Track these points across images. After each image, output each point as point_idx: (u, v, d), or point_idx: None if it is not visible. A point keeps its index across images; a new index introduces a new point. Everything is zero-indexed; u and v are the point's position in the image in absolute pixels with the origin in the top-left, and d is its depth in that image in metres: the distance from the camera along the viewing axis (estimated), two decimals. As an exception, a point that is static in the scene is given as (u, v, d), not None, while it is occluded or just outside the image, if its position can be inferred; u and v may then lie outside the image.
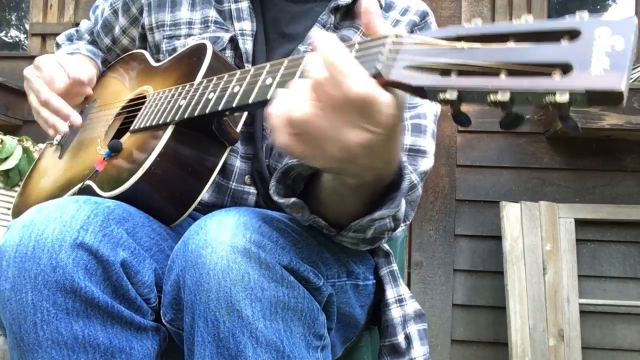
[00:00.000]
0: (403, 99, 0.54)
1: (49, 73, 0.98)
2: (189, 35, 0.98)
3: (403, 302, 0.95)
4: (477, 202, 2.37)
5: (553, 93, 0.41)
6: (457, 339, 2.32)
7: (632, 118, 2.05)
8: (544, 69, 0.43)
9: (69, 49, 1.13)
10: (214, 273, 0.64)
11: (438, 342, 2.31)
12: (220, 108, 0.71)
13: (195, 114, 0.75)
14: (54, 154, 1.06)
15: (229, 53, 0.95)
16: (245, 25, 0.96)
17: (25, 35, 3.05)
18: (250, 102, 0.66)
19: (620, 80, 0.39)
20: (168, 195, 0.80)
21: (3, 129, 2.29)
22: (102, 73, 1.15)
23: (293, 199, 0.69)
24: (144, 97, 0.93)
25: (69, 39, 1.22)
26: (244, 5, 0.97)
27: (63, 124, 0.97)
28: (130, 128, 0.88)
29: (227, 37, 0.95)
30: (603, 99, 0.40)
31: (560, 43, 0.44)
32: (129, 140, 0.86)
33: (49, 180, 1.00)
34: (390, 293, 0.95)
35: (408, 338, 0.92)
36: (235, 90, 0.69)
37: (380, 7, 0.98)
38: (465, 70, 0.46)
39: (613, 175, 2.30)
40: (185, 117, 0.76)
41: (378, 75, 0.51)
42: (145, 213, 0.79)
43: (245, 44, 0.95)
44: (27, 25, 2.90)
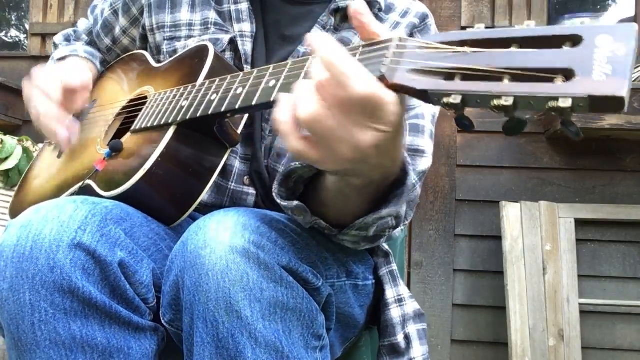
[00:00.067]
0: (405, 97, 0.54)
1: (43, 86, 0.95)
2: (189, 37, 0.98)
3: (402, 302, 0.95)
4: (477, 202, 2.37)
5: (556, 99, 0.42)
6: (457, 339, 2.32)
7: (632, 118, 2.05)
8: (547, 75, 0.43)
9: (67, 50, 1.12)
10: (213, 274, 0.64)
11: (438, 342, 2.31)
12: (223, 109, 0.71)
13: (198, 115, 0.75)
14: (52, 154, 1.06)
15: (229, 55, 0.95)
16: (245, 27, 0.96)
17: (25, 35, 3.05)
18: (254, 103, 0.66)
19: (622, 86, 0.40)
20: (169, 196, 0.80)
21: (3, 129, 2.29)
22: (101, 73, 1.15)
23: (296, 203, 0.69)
24: (145, 97, 0.93)
25: (67, 40, 1.21)
26: (244, 7, 0.97)
27: (60, 133, 0.94)
28: (132, 128, 0.88)
29: (226, 38, 0.95)
30: (605, 105, 0.41)
31: (563, 49, 0.44)
32: (130, 141, 0.86)
33: (47, 180, 1.00)
34: (390, 293, 0.95)
35: (407, 338, 0.92)
36: (238, 92, 0.69)
37: (380, 9, 0.98)
38: (469, 75, 0.46)
39: (613, 175, 2.30)
40: (188, 118, 0.76)
41: (382, 79, 0.51)
42: (146, 213, 0.79)
43: (245, 46, 0.95)
44: (27, 25, 2.90)
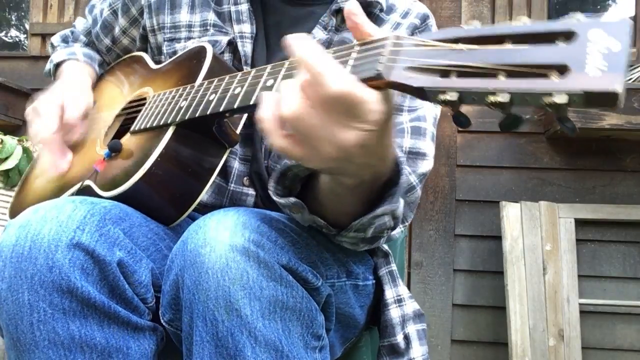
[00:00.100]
0: (392, 95, 0.54)
1: (43, 112, 0.94)
2: (189, 39, 0.98)
3: (402, 302, 0.95)
4: (477, 202, 2.37)
5: (551, 94, 0.42)
6: (457, 339, 2.32)
7: (632, 118, 2.04)
8: (541, 70, 0.43)
9: (65, 53, 1.13)
10: (213, 272, 0.64)
11: (438, 342, 2.31)
12: (222, 109, 0.71)
13: (197, 115, 0.75)
14: (53, 155, 1.06)
15: (227, 56, 0.95)
16: (245, 28, 0.96)
17: (25, 35, 3.05)
18: (252, 103, 0.66)
19: (617, 82, 0.40)
20: (168, 196, 0.80)
21: (3, 129, 2.29)
22: (101, 75, 1.15)
23: (293, 199, 0.69)
24: (144, 98, 0.93)
25: (64, 41, 1.21)
26: (244, 8, 0.97)
27: (59, 165, 0.94)
28: (131, 129, 0.88)
29: (225, 40, 0.95)
30: (600, 100, 0.41)
31: (556, 44, 0.44)
32: (129, 141, 0.86)
33: (47, 181, 1.00)
34: (389, 293, 0.95)
35: (407, 338, 0.92)
36: (237, 92, 0.69)
37: (382, 9, 0.98)
38: (465, 72, 0.47)
39: (613, 175, 2.30)
40: (187, 118, 0.76)
41: (379, 77, 0.51)
42: (145, 213, 0.79)
43: (245, 47, 0.94)
44: (27, 25, 2.90)
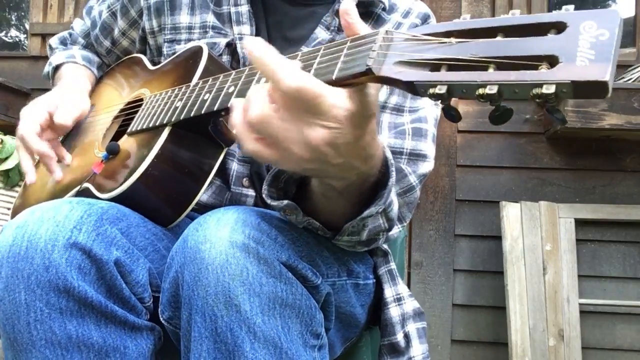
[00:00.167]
0: (366, 94, 0.53)
1: (28, 118, 0.94)
2: (189, 40, 0.98)
3: (402, 300, 0.95)
4: (477, 202, 2.37)
5: (540, 85, 0.42)
6: (457, 339, 2.32)
7: (632, 118, 2.04)
8: (532, 62, 0.43)
9: (63, 56, 1.13)
10: (213, 268, 0.64)
11: (438, 342, 2.31)
12: (216, 108, 0.71)
13: (191, 115, 0.75)
14: (54, 157, 1.06)
15: (226, 58, 0.95)
16: (244, 29, 0.96)
17: (25, 35, 3.05)
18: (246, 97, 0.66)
19: (605, 71, 0.39)
20: (165, 197, 0.80)
21: (3, 129, 2.29)
22: (99, 78, 1.15)
23: (286, 202, 0.69)
24: (141, 100, 0.93)
25: (63, 43, 1.21)
26: (244, 9, 0.96)
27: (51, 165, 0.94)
28: (128, 130, 0.88)
29: (223, 42, 0.95)
30: (588, 90, 0.40)
31: (547, 36, 0.44)
32: (127, 143, 0.86)
33: (49, 183, 1.00)
34: (389, 292, 0.95)
35: (407, 337, 0.92)
36: (231, 91, 0.69)
37: (384, 8, 0.98)
38: (455, 65, 0.47)
39: (613, 175, 2.30)
40: (182, 118, 0.76)
41: (369, 72, 0.51)
42: (143, 214, 0.79)
43: (244, 49, 0.95)
44: (27, 25, 2.90)
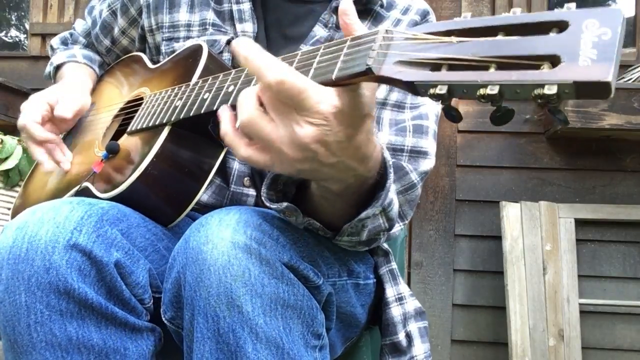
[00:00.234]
0: (358, 94, 0.53)
1: (29, 109, 0.95)
2: (188, 38, 0.98)
3: (403, 300, 0.95)
4: (477, 202, 2.36)
5: (542, 86, 0.41)
6: (457, 339, 2.32)
7: (632, 118, 2.04)
8: (533, 62, 0.42)
9: (64, 55, 1.13)
10: (215, 269, 0.64)
11: (438, 342, 2.30)
12: (216, 108, 0.70)
13: (191, 114, 0.75)
14: (53, 157, 1.06)
15: (227, 56, 0.95)
16: (247, 27, 0.95)
17: (25, 35, 3.05)
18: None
19: (608, 72, 0.39)
20: (165, 196, 0.80)
21: (3, 129, 2.29)
22: (100, 77, 1.15)
23: (285, 204, 0.69)
24: (141, 98, 0.93)
25: (64, 43, 1.21)
26: (246, 7, 0.96)
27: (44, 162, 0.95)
28: (128, 129, 0.88)
29: (224, 39, 0.95)
30: (591, 91, 0.40)
31: (549, 35, 0.43)
32: (127, 142, 0.86)
33: (49, 183, 1.00)
34: (390, 292, 0.95)
35: (409, 336, 0.92)
36: (230, 90, 0.69)
37: (382, 5, 0.97)
38: (455, 65, 0.46)
39: (613, 175, 2.30)
40: (181, 117, 0.76)
41: (369, 71, 0.50)
42: (143, 214, 0.79)
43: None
44: (27, 25, 2.90)
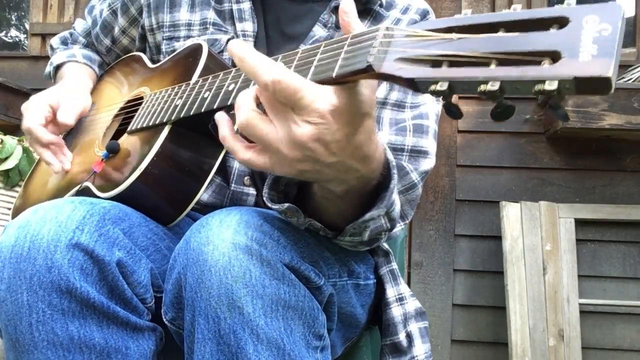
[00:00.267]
0: (357, 92, 0.53)
1: (32, 111, 0.95)
2: (188, 37, 0.98)
3: (403, 300, 0.95)
4: (477, 202, 2.37)
5: (542, 81, 0.41)
6: (457, 339, 2.32)
7: (632, 118, 2.04)
8: (534, 58, 0.42)
9: (64, 55, 1.13)
10: (216, 270, 0.64)
11: (438, 342, 2.31)
12: (216, 106, 0.70)
13: (191, 113, 0.74)
14: (53, 156, 1.06)
15: (227, 55, 0.95)
16: (247, 26, 0.96)
17: (25, 35, 3.05)
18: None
19: (608, 67, 0.39)
20: (165, 195, 0.80)
21: (3, 129, 2.29)
22: (100, 77, 1.15)
23: (287, 205, 0.68)
24: (141, 98, 0.93)
25: (64, 43, 1.21)
26: (246, 6, 0.97)
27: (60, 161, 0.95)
28: (128, 129, 0.88)
29: (224, 39, 0.95)
30: (592, 86, 0.40)
31: (549, 31, 0.43)
32: (127, 141, 0.86)
33: (49, 183, 1.00)
34: (391, 292, 0.95)
35: (409, 336, 0.92)
36: (231, 88, 0.69)
37: (382, 5, 0.98)
38: (456, 61, 0.46)
39: (613, 175, 2.30)
40: (182, 116, 0.76)
41: (370, 69, 0.50)
42: (143, 213, 0.79)
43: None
44: (27, 25, 2.90)
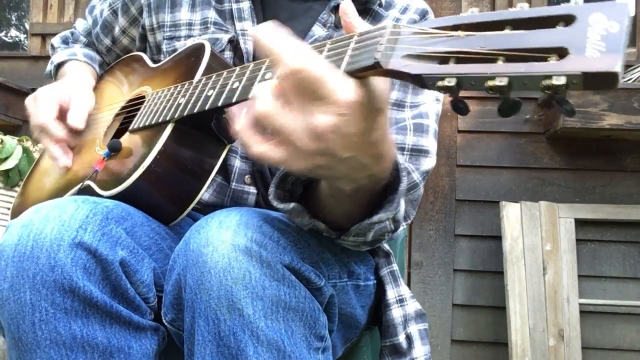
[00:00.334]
0: (375, 86, 0.53)
1: (42, 106, 0.95)
2: (189, 37, 0.98)
3: (404, 302, 0.95)
4: (477, 202, 2.37)
5: (550, 77, 0.42)
6: (457, 339, 2.32)
7: (632, 118, 2.05)
8: (541, 54, 0.43)
9: (65, 54, 1.13)
10: (215, 272, 0.64)
11: (438, 342, 2.31)
12: (220, 104, 0.70)
13: (195, 111, 0.74)
14: (54, 156, 1.06)
15: (228, 54, 0.95)
16: (247, 26, 0.96)
17: (25, 35, 3.05)
18: (250, 97, 0.66)
19: (616, 62, 0.40)
20: (168, 194, 0.80)
21: (3, 129, 2.29)
22: (100, 76, 1.15)
23: (292, 204, 0.68)
24: (143, 97, 0.93)
25: (65, 42, 1.21)
26: (246, 6, 0.97)
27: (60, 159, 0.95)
28: (130, 128, 0.88)
29: (226, 38, 0.95)
30: (599, 81, 0.41)
31: (556, 28, 0.44)
32: (129, 140, 0.86)
33: (49, 181, 1.00)
34: (391, 293, 0.94)
35: (409, 338, 0.92)
36: (235, 86, 0.69)
37: (380, 4, 0.98)
38: (463, 58, 0.47)
39: (613, 175, 2.30)
40: (185, 114, 0.76)
41: (377, 65, 0.51)
42: (145, 212, 0.79)
43: (247, 44, 0.95)
44: (27, 25, 2.90)
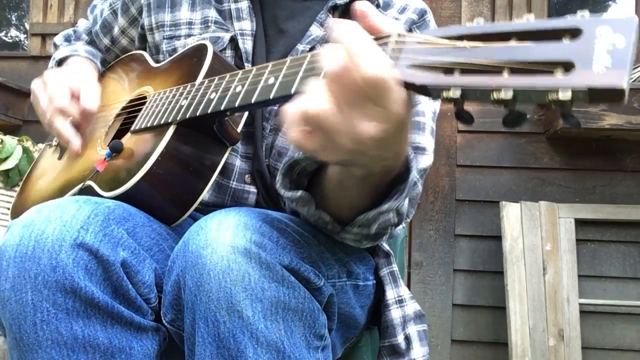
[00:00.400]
0: (414, 101, 0.54)
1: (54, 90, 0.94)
2: (189, 36, 0.98)
3: (403, 302, 0.95)
4: (477, 202, 2.37)
5: (556, 91, 0.42)
6: (457, 339, 2.32)
7: (632, 118, 2.05)
8: (547, 67, 0.43)
9: (67, 51, 1.12)
10: (215, 273, 0.64)
11: (438, 342, 2.31)
12: (223, 108, 0.71)
13: (198, 114, 0.75)
14: (53, 155, 1.06)
15: (229, 53, 0.95)
16: (245, 25, 0.96)
17: (25, 35, 3.05)
18: (253, 101, 0.66)
19: (622, 78, 0.40)
20: (169, 195, 0.80)
21: (3, 129, 2.29)
22: (101, 74, 1.15)
23: (300, 192, 0.69)
24: (144, 97, 0.93)
25: (67, 40, 1.21)
26: (244, 5, 0.97)
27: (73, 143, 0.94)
28: (132, 128, 0.88)
29: (227, 37, 0.95)
30: (605, 96, 0.41)
31: (562, 42, 0.44)
32: (130, 141, 0.86)
33: (49, 181, 1.00)
34: (391, 294, 0.95)
35: (408, 339, 0.92)
36: (238, 90, 0.69)
37: (378, 5, 0.97)
38: (468, 69, 0.47)
39: (613, 175, 2.30)
40: (187, 117, 0.76)
41: None
42: (147, 213, 0.79)
43: (245, 44, 0.95)
44: (27, 25, 2.90)
